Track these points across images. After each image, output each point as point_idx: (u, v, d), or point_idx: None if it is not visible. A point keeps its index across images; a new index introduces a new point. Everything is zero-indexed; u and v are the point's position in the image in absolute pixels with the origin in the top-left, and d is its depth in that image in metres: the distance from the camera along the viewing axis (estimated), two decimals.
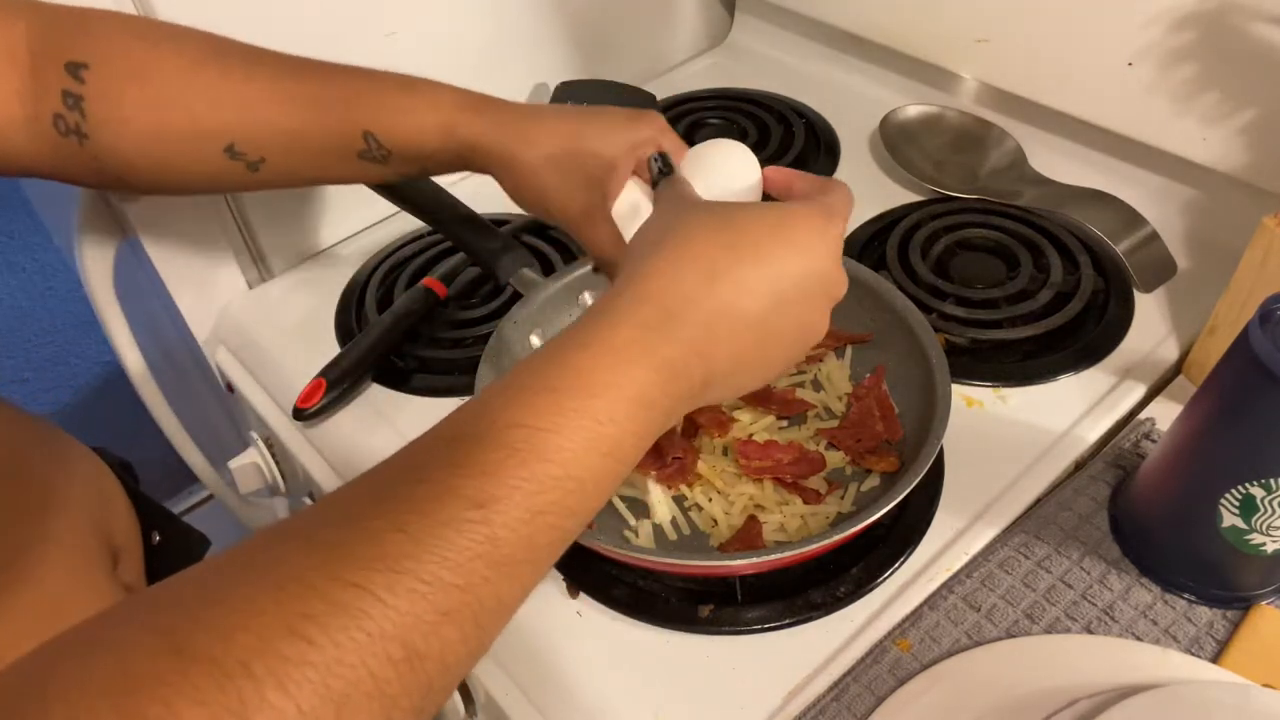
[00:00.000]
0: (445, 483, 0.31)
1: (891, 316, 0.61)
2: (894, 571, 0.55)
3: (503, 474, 0.31)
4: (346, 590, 0.27)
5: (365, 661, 0.26)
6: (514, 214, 0.82)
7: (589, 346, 0.36)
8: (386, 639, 0.27)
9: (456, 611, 0.29)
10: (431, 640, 0.28)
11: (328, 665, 0.26)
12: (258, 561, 0.28)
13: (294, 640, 0.25)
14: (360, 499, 0.31)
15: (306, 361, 0.70)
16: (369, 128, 0.53)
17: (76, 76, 0.50)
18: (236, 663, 0.25)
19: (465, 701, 0.59)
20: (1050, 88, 0.78)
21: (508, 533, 0.31)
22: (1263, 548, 0.48)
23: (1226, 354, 0.47)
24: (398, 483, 0.31)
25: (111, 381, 1.55)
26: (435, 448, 0.33)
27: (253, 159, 0.53)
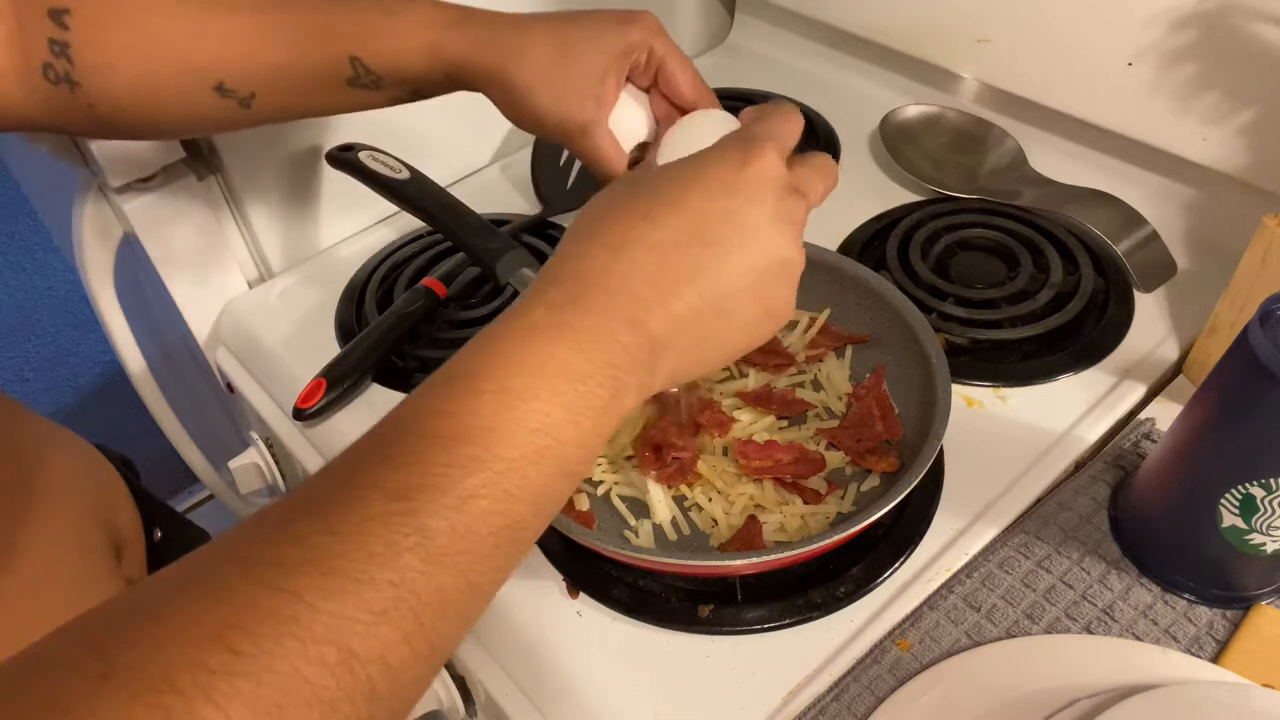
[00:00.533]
0: (370, 478, 0.30)
1: (891, 316, 0.61)
2: (894, 571, 0.55)
3: (424, 463, 0.31)
4: (273, 596, 0.26)
5: (298, 668, 0.26)
6: (514, 214, 0.82)
7: (502, 333, 0.35)
8: (319, 642, 0.26)
9: (392, 609, 0.28)
10: (369, 641, 0.27)
11: (258, 675, 0.25)
12: (190, 576, 0.28)
13: (220, 651, 0.25)
14: (293, 506, 0.30)
15: (306, 361, 0.70)
16: (354, 53, 0.52)
17: (60, 23, 0.49)
18: (162, 677, 0.24)
19: (465, 701, 0.59)
20: (1050, 88, 0.78)
21: (439, 522, 0.30)
22: (1263, 548, 0.48)
23: (1226, 354, 0.47)
24: (329, 486, 0.30)
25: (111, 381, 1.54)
26: (364, 447, 0.32)
27: (243, 95, 0.52)
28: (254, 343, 0.77)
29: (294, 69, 0.52)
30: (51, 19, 0.49)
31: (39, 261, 1.38)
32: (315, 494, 0.31)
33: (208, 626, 0.26)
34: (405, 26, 0.53)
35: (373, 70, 0.53)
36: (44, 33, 0.49)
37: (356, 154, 0.75)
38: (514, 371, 0.34)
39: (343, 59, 0.52)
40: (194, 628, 0.26)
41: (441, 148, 0.85)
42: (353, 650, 0.27)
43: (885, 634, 0.52)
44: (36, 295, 1.41)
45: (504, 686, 0.54)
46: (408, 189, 0.73)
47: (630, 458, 0.60)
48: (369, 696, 0.27)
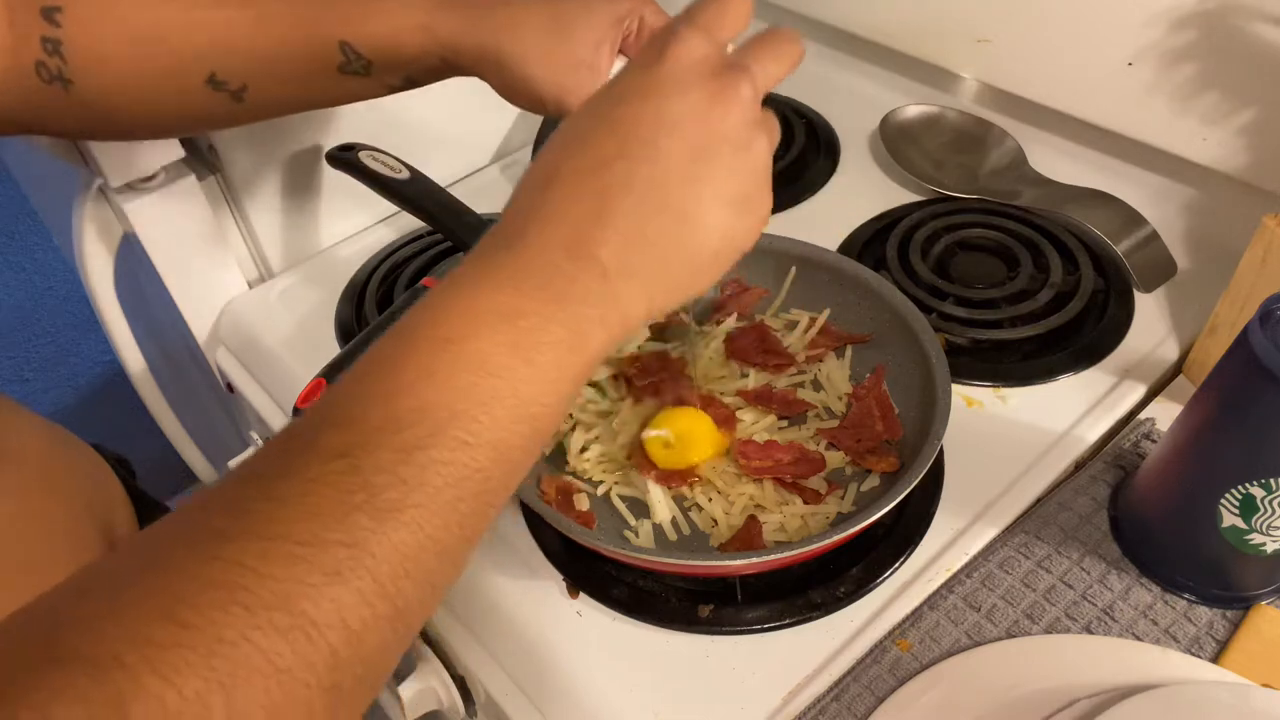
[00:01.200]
0: (309, 441, 0.29)
1: (891, 316, 0.61)
2: (894, 571, 0.55)
3: (362, 419, 0.30)
4: (216, 566, 0.26)
5: (248, 636, 0.25)
6: None
7: (437, 288, 0.34)
8: (268, 609, 0.26)
9: (346, 570, 0.27)
10: (323, 605, 0.26)
11: (207, 646, 0.24)
12: (136, 554, 0.27)
13: (166, 625, 0.24)
14: (237, 478, 0.29)
15: (306, 361, 0.70)
16: (344, 37, 0.52)
17: (52, 20, 0.49)
18: (109, 655, 0.24)
19: (465, 701, 0.59)
20: (1050, 88, 0.78)
21: (383, 477, 0.29)
22: (1263, 548, 0.48)
23: (1226, 354, 0.47)
24: (271, 456, 0.30)
25: (111, 381, 1.54)
26: (307, 416, 0.31)
27: (235, 87, 0.52)
28: (254, 343, 0.77)
29: (284, 57, 0.52)
30: (44, 17, 0.49)
31: (39, 261, 1.38)
32: (257, 465, 0.30)
33: (152, 602, 0.25)
34: (394, 8, 0.52)
35: (363, 55, 0.52)
36: (37, 31, 0.49)
37: (356, 154, 0.75)
38: (441, 319, 0.33)
39: (332, 44, 0.52)
40: (139, 604, 0.25)
41: (441, 148, 0.85)
42: (306, 614, 0.26)
43: (885, 634, 0.52)
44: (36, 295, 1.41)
45: (504, 686, 0.54)
46: (408, 189, 0.73)
47: (630, 457, 0.60)
48: (331, 664, 0.27)
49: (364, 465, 0.29)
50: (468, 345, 0.32)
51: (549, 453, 0.61)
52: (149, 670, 0.24)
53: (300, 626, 0.26)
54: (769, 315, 0.67)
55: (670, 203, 0.36)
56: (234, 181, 0.76)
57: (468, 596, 0.57)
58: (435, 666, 0.59)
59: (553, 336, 0.33)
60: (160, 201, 0.73)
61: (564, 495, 0.58)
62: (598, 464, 0.60)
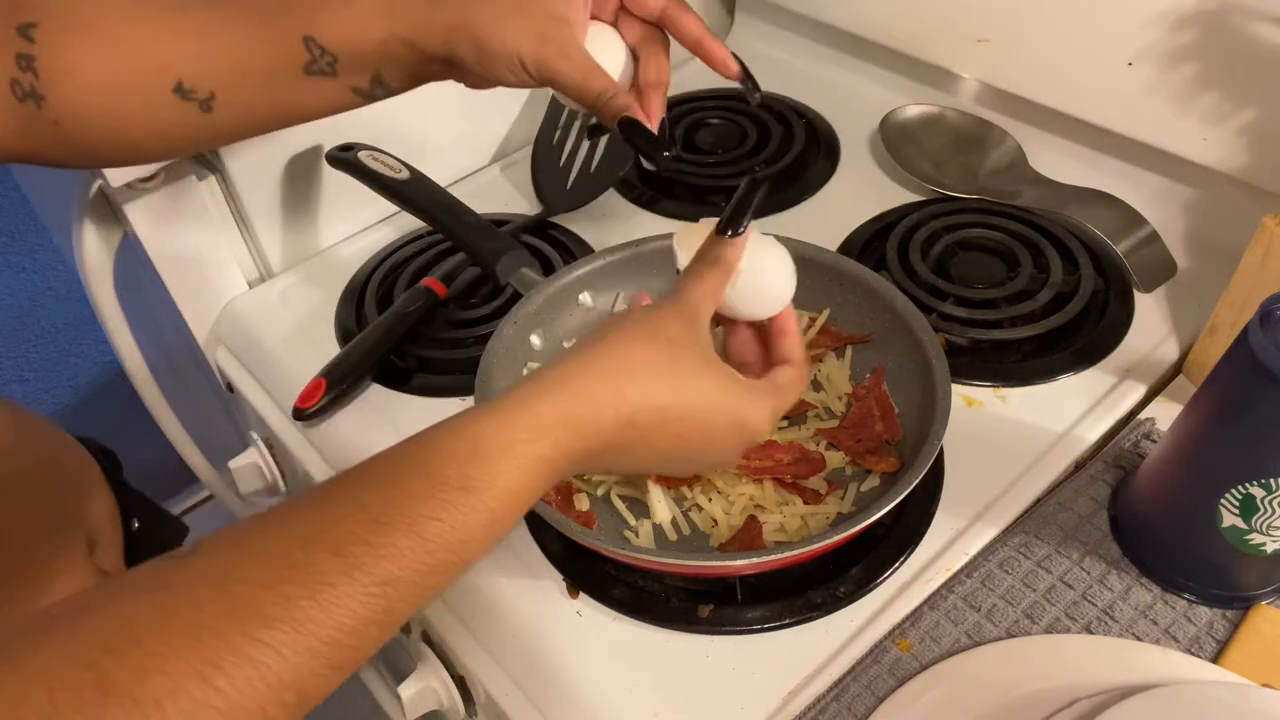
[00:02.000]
0: (358, 561, 0.34)
1: (891, 316, 0.61)
2: (894, 571, 0.55)
3: (408, 559, 0.35)
4: (254, 645, 0.30)
5: (263, 707, 0.30)
6: (514, 214, 0.82)
7: (504, 455, 0.39)
8: (284, 688, 0.31)
9: (347, 664, 0.33)
10: (320, 687, 0.32)
11: (231, 709, 0.29)
12: (179, 608, 0.31)
13: (204, 686, 0.29)
14: (276, 555, 0.33)
15: (306, 361, 0.70)
16: (307, 31, 0.51)
17: (27, 36, 0.49)
18: (152, 701, 0.28)
19: (465, 701, 0.59)
20: (1050, 88, 0.78)
21: (402, 605, 0.35)
22: (1263, 548, 0.48)
23: (1226, 354, 0.47)
24: (313, 549, 0.33)
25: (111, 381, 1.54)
26: (352, 519, 0.35)
27: (202, 95, 0.52)
28: (254, 343, 0.77)
29: (249, 59, 0.52)
30: (20, 34, 0.49)
31: (39, 261, 1.38)
32: (299, 552, 0.34)
33: (194, 663, 0.30)
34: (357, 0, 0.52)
35: (327, 49, 0.51)
36: (12, 49, 0.49)
37: (356, 154, 0.75)
38: (498, 496, 0.38)
39: (295, 41, 0.51)
40: (180, 662, 0.29)
41: (441, 148, 0.85)
42: (307, 694, 0.32)
43: (885, 634, 0.52)
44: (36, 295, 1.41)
45: (504, 686, 0.54)
46: (408, 189, 0.73)
47: None
48: None
49: (394, 595, 0.35)
50: (502, 513, 0.39)
51: None
52: (177, 714, 0.28)
53: (299, 702, 0.32)
54: None
55: (681, 461, 0.48)
56: (234, 181, 0.76)
57: (468, 596, 0.57)
58: (435, 666, 0.59)
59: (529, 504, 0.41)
60: (160, 201, 0.73)
61: (564, 495, 0.58)
62: None
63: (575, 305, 0.66)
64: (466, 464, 0.37)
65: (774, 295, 0.53)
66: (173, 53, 0.51)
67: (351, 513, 0.35)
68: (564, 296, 0.65)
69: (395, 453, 0.38)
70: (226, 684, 0.29)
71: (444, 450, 0.38)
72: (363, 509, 0.35)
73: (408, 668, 0.61)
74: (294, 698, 0.31)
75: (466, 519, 0.37)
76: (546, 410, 0.40)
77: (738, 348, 0.56)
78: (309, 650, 0.31)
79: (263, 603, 0.31)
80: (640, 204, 0.83)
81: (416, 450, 0.38)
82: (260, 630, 0.31)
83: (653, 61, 0.55)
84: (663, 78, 0.55)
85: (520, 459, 0.39)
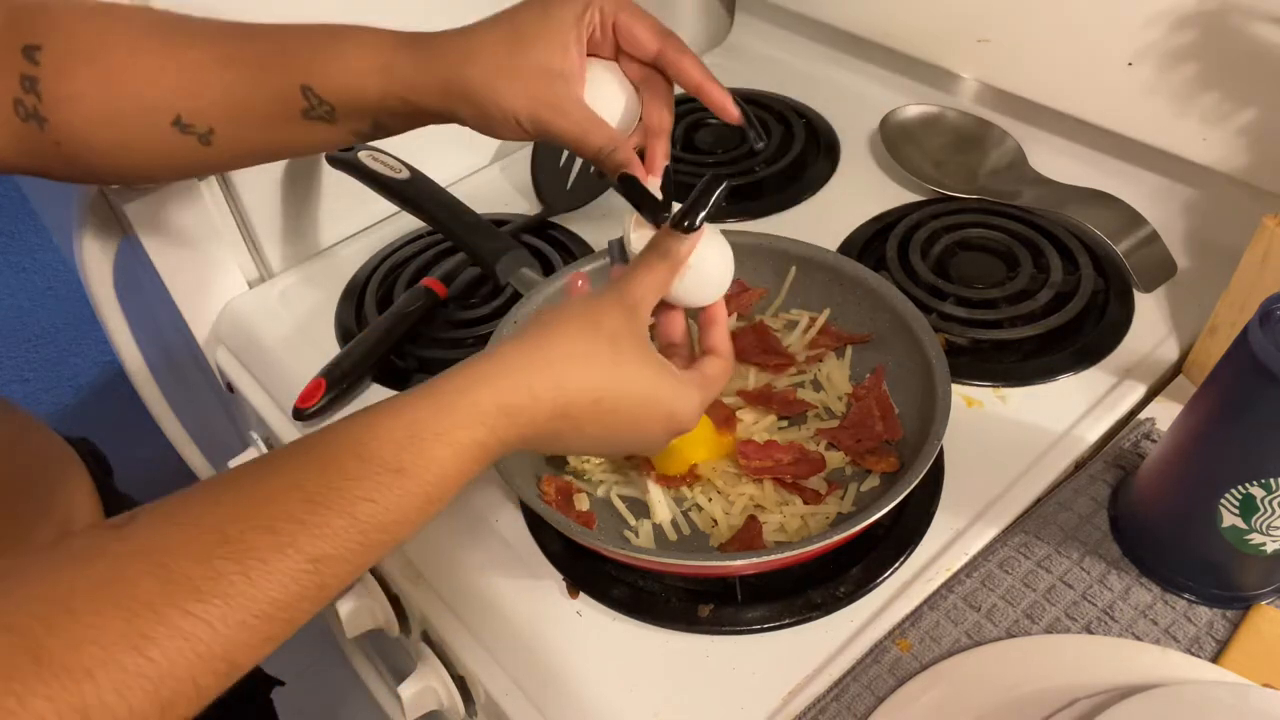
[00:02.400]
0: (291, 539, 0.34)
1: (891, 316, 0.61)
2: (894, 571, 0.55)
3: (341, 538, 0.35)
4: (186, 618, 0.31)
5: (194, 676, 0.31)
6: (514, 214, 0.82)
7: (440, 441, 0.39)
8: (215, 658, 0.32)
9: (279, 635, 0.34)
10: (252, 656, 0.33)
11: (160, 677, 0.30)
12: (113, 580, 0.31)
13: (135, 656, 0.30)
14: (211, 530, 0.33)
15: (306, 361, 0.70)
16: (305, 81, 0.51)
17: (32, 59, 0.50)
18: (83, 670, 0.29)
19: (465, 701, 0.59)
20: (1050, 88, 0.78)
21: (335, 581, 0.35)
22: (1263, 548, 0.48)
23: (1226, 354, 0.47)
24: (247, 525, 0.34)
25: (111, 381, 1.55)
26: (288, 497, 0.35)
27: (201, 130, 0.52)
28: (254, 343, 0.77)
29: (248, 101, 0.52)
30: (24, 55, 0.50)
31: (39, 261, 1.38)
32: (234, 529, 0.34)
33: (126, 634, 0.30)
34: (354, 51, 0.52)
35: (325, 100, 0.52)
36: (17, 69, 0.50)
37: (356, 154, 0.75)
38: (434, 482, 0.38)
39: (294, 88, 0.52)
40: (113, 633, 0.30)
41: (441, 148, 0.85)
42: (239, 663, 0.33)
43: (885, 634, 0.52)
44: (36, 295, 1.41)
45: (504, 686, 0.54)
46: (408, 189, 0.73)
47: (630, 457, 0.60)
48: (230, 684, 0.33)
49: (326, 572, 0.35)
50: (435, 493, 0.39)
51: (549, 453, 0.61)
52: (112, 688, 0.29)
53: (230, 672, 0.32)
54: (769, 315, 0.67)
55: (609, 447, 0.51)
56: (234, 181, 0.76)
57: (468, 596, 0.57)
58: (435, 666, 0.59)
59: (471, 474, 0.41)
60: (160, 201, 0.73)
61: (564, 495, 0.58)
62: (598, 464, 0.60)
63: None
64: (403, 448, 0.38)
65: (714, 287, 0.53)
66: (173, 87, 0.51)
67: (287, 490, 0.35)
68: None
69: (335, 431, 0.38)
70: (159, 654, 0.30)
71: (382, 433, 0.38)
72: (299, 487, 0.35)
73: (408, 668, 0.61)
74: (225, 667, 0.32)
75: (400, 501, 0.37)
76: (486, 399, 0.41)
77: (666, 329, 0.55)
78: (240, 623, 0.32)
79: (196, 577, 0.32)
80: None
81: (356, 430, 0.38)
82: (192, 604, 0.31)
83: (654, 106, 0.54)
84: (664, 124, 0.55)
85: (456, 445, 0.39)
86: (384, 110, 0.53)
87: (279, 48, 0.52)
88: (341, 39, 0.52)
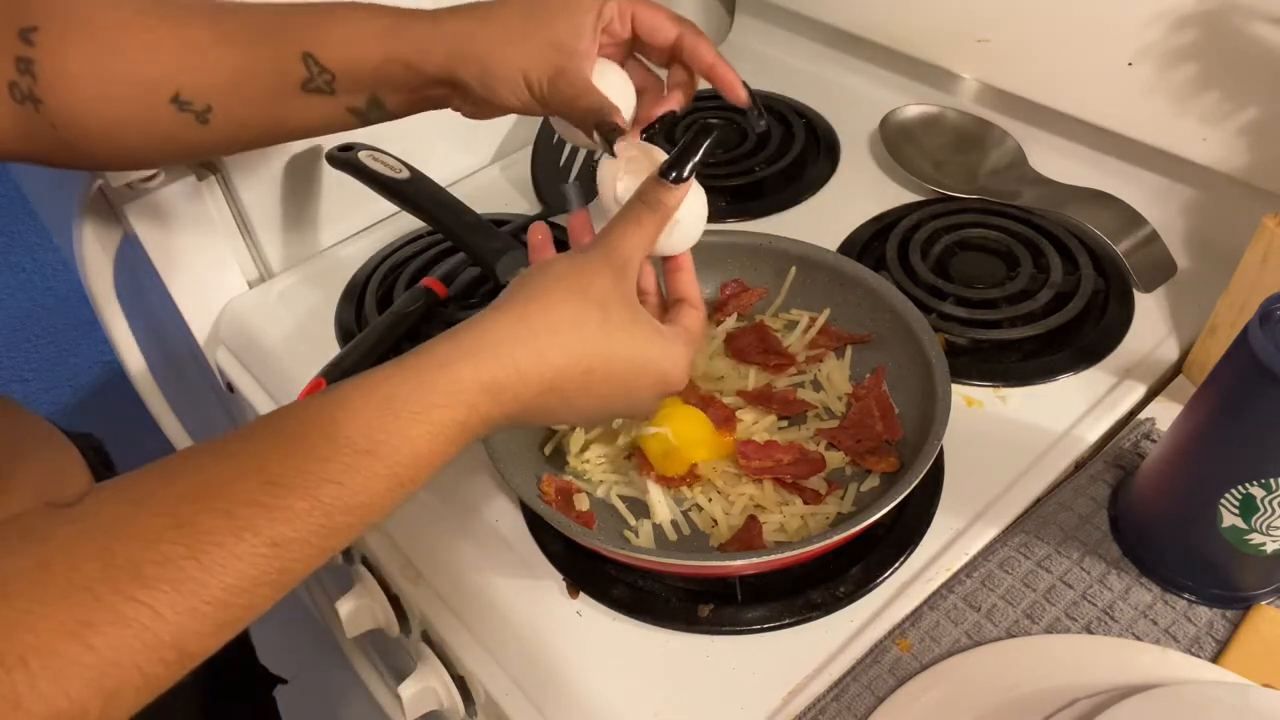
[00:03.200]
0: (249, 522, 0.32)
1: (891, 316, 0.61)
2: (894, 571, 0.55)
3: (302, 521, 0.34)
4: (129, 605, 0.30)
5: (139, 664, 0.30)
6: (514, 214, 0.82)
7: (417, 419, 0.37)
8: (163, 646, 0.30)
9: (237, 622, 0.32)
10: (207, 644, 0.32)
11: (102, 666, 0.29)
12: (54, 564, 0.30)
13: (73, 643, 0.28)
14: (162, 512, 0.32)
15: (306, 361, 0.70)
16: (306, 47, 0.51)
17: (27, 40, 0.49)
18: (16, 657, 0.28)
19: (465, 701, 0.59)
20: (1050, 88, 0.78)
21: (298, 565, 0.34)
22: (1263, 548, 0.48)
23: (1226, 354, 0.47)
24: (201, 507, 0.32)
25: (111, 381, 1.55)
26: (248, 479, 0.34)
27: (199, 107, 0.52)
28: (254, 343, 0.77)
29: (246, 73, 0.52)
30: (20, 37, 0.49)
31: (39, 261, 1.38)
32: (186, 510, 0.32)
33: (64, 620, 0.29)
34: (358, 15, 0.52)
35: (326, 67, 0.51)
36: (12, 51, 0.49)
37: (356, 154, 0.75)
38: (401, 459, 0.37)
39: (295, 56, 0.51)
40: (50, 619, 0.29)
41: (441, 148, 0.85)
42: (190, 651, 0.31)
43: (885, 634, 0.52)
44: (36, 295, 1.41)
45: (504, 686, 0.54)
46: (408, 189, 0.73)
47: (630, 457, 0.60)
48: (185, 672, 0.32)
49: (288, 556, 0.34)
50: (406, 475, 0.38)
51: (549, 453, 0.61)
52: (48, 676, 0.28)
53: (181, 660, 0.31)
54: (769, 315, 0.67)
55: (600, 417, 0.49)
56: (234, 181, 0.76)
57: (468, 596, 0.57)
58: (435, 666, 0.59)
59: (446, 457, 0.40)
60: (160, 201, 0.73)
61: (564, 495, 0.58)
62: (598, 464, 0.60)
63: None
64: (374, 427, 0.36)
65: (690, 237, 0.52)
66: (171, 65, 0.51)
67: (249, 471, 0.34)
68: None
69: (306, 408, 0.37)
70: (101, 642, 0.29)
71: (354, 411, 0.36)
72: (261, 468, 0.34)
73: (408, 668, 0.61)
74: (175, 655, 0.31)
75: (368, 483, 0.36)
76: (468, 375, 0.39)
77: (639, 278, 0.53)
78: (191, 610, 0.31)
79: (141, 562, 0.30)
80: None
81: (328, 408, 0.36)
82: (137, 590, 0.30)
83: (674, 97, 0.56)
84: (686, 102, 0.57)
85: (434, 424, 0.38)
86: (384, 80, 0.52)
87: (278, 20, 0.52)
88: (345, 6, 0.52)
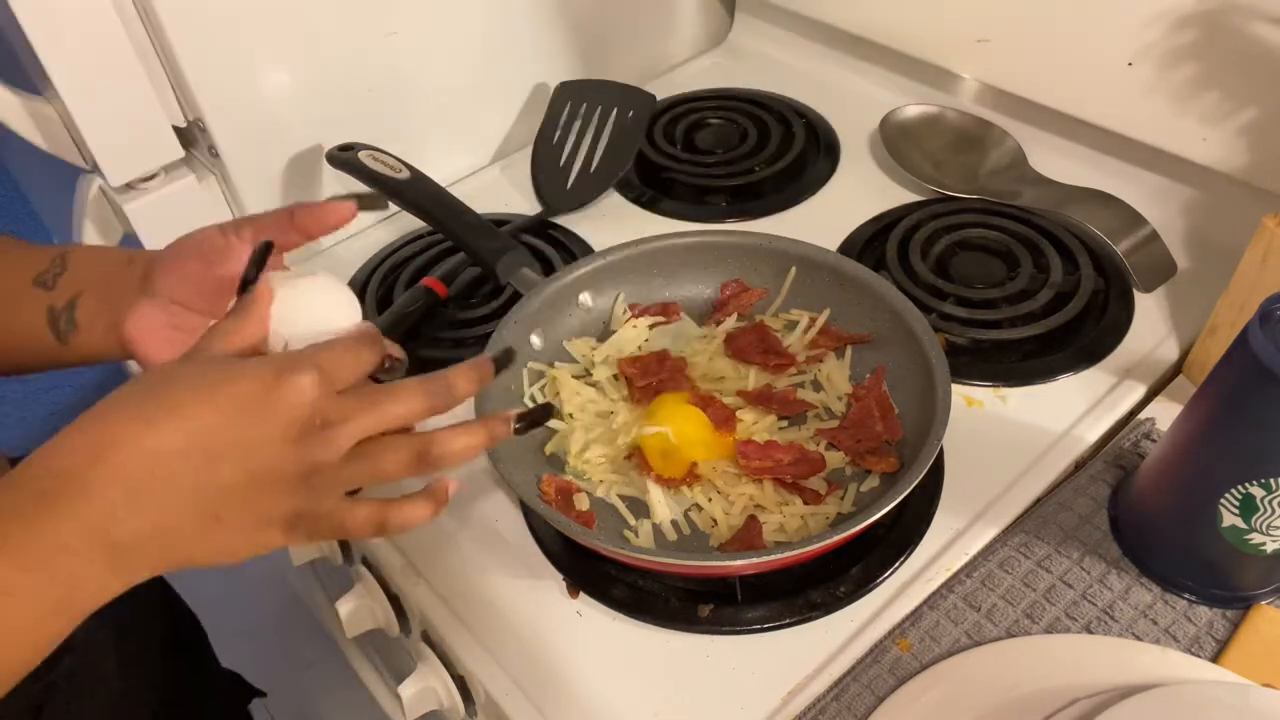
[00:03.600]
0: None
1: (891, 316, 0.61)
2: (894, 571, 0.55)
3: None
4: None
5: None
6: (514, 214, 0.82)
7: None
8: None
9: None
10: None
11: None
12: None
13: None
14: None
15: None
16: None
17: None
18: None
19: (465, 701, 0.59)
20: (1050, 88, 0.78)
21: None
22: (1263, 548, 0.48)
23: (1226, 354, 0.47)
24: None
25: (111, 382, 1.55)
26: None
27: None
28: None
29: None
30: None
31: None
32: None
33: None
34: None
35: None
36: None
37: (356, 154, 0.75)
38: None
39: None
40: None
41: (441, 148, 0.85)
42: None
43: (885, 634, 0.52)
44: None
45: (504, 686, 0.54)
46: (408, 189, 0.73)
47: (630, 457, 0.60)
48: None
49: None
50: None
51: (549, 453, 0.61)
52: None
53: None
54: (769, 315, 0.67)
55: (210, 512, 0.37)
56: (234, 181, 0.76)
57: (468, 597, 0.57)
58: (435, 666, 0.59)
59: (36, 610, 0.35)
60: (160, 201, 0.73)
61: (564, 495, 0.58)
62: (598, 464, 0.60)
63: (575, 305, 0.66)
64: None
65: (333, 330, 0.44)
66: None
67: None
68: (564, 296, 0.65)
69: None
70: None
71: None
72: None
73: (408, 668, 0.61)
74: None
75: None
76: None
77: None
78: None
79: None
80: (640, 204, 0.83)
81: None
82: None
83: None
84: None
85: None
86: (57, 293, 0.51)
87: None
88: None
